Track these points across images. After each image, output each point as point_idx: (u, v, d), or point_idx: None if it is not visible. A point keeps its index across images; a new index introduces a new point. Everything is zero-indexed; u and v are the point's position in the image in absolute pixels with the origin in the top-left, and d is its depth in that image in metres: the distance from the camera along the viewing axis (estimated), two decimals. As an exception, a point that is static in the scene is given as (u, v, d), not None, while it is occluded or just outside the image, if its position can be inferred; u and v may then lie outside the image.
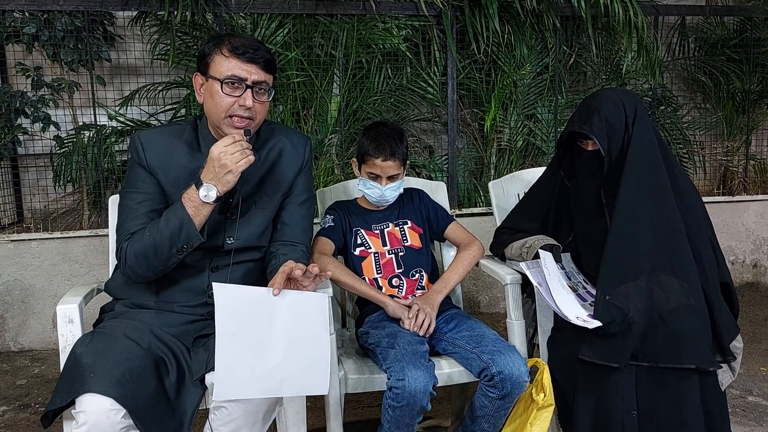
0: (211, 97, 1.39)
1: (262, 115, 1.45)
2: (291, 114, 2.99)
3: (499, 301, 3.23)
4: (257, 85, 1.39)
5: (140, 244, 1.35)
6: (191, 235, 1.32)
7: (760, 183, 3.70)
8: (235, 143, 1.31)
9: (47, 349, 2.79)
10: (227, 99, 1.37)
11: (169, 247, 1.32)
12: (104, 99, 2.96)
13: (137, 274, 1.38)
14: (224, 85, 1.37)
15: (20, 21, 2.73)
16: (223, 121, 1.39)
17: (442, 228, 1.87)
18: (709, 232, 1.67)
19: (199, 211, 1.32)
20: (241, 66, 1.37)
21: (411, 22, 3.03)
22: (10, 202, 3.01)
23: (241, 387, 1.20)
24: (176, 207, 1.34)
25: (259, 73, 1.39)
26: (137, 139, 1.45)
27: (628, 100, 1.63)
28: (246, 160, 1.31)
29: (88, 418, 1.16)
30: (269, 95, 1.44)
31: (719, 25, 3.61)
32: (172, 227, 1.32)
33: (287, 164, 1.52)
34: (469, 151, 3.35)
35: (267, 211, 1.50)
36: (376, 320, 1.67)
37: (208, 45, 1.41)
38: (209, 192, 1.31)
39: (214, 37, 1.44)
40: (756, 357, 2.55)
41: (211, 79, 1.38)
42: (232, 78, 1.36)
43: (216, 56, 1.38)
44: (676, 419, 1.46)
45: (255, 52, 1.38)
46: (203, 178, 1.32)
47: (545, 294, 1.56)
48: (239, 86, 1.37)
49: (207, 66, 1.40)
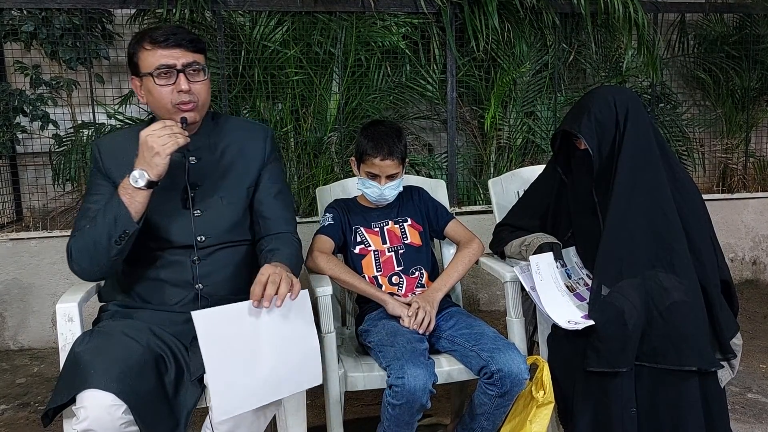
0: (150, 94, 1.39)
1: (205, 96, 1.43)
2: (290, 112, 2.99)
3: (499, 298, 3.24)
4: (188, 67, 1.38)
5: (81, 239, 1.36)
6: (126, 223, 1.32)
7: (759, 180, 3.70)
8: (164, 127, 1.31)
9: (46, 348, 2.79)
10: (164, 89, 1.37)
11: (108, 237, 1.32)
12: (103, 97, 2.95)
13: (83, 269, 1.39)
14: (156, 77, 1.37)
15: (18, 19, 2.73)
16: (171, 111, 1.39)
17: (442, 226, 1.87)
18: (709, 230, 1.67)
19: (133, 198, 1.32)
20: (165, 54, 1.36)
21: (410, 19, 3.03)
22: (9, 200, 3.01)
23: (239, 403, 1.21)
24: (113, 198, 1.34)
25: (186, 55, 1.38)
26: (95, 147, 1.48)
27: (621, 98, 1.63)
28: (173, 142, 1.30)
29: (89, 413, 1.16)
30: (205, 73, 1.42)
31: (719, 22, 3.60)
32: (108, 218, 1.32)
33: (249, 157, 1.52)
34: (469, 149, 3.35)
35: (234, 205, 1.48)
36: (376, 318, 1.67)
37: (130, 46, 1.42)
38: (139, 177, 1.31)
39: (134, 36, 1.44)
40: (755, 354, 2.56)
41: (145, 77, 1.39)
42: (161, 68, 1.36)
43: (140, 53, 1.38)
44: (676, 417, 1.46)
45: (175, 36, 1.37)
46: (135, 165, 1.32)
47: (536, 299, 1.58)
48: (171, 73, 1.37)
49: (137, 66, 1.40)
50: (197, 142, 1.45)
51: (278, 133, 2.97)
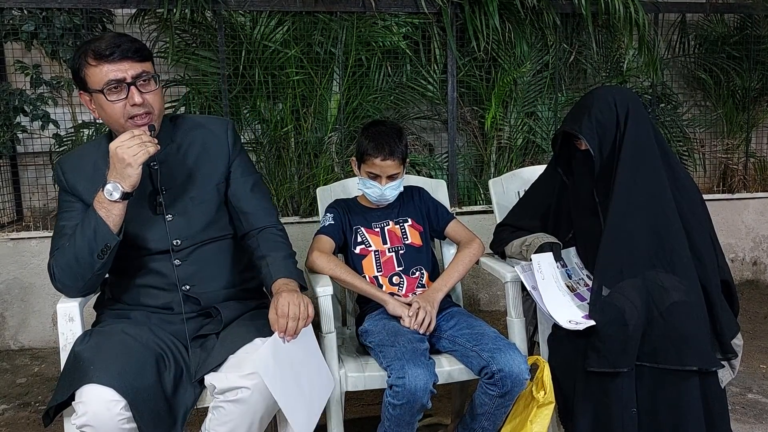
0: (102, 110, 1.36)
1: (160, 104, 1.40)
2: (291, 112, 2.99)
3: (500, 298, 3.23)
4: (138, 78, 1.33)
5: (63, 257, 1.35)
6: (107, 237, 1.31)
7: (760, 181, 3.70)
8: (133, 137, 1.29)
9: (47, 348, 2.79)
10: (117, 105, 1.33)
11: (89, 253, 1.32)
12: (103, 97, 2.95)
13: (68, 286, 1.38)
14: (107, 93, 1.32)
15: (19, 19, 2.72)
16: (125, 126, 1.35)
17: (443, 226, 1.87)
18: (710, 229, 1.67)
19: (110, 212, 1.31)
20: (113, 68, 1.31)
21: (411, 19, 3.03)
22: (10, 200, 3.01)
23: (310, 419, 1.35)
24: (89, 213, 1.33)
25: (134, 66, 1.33)
26: (58, 167, 1.46)
27: (621, 98, 1.63)
28: (144, 152, 1.29)
29: (87, 408, 1.16)
30: (156, 82, 1.39)
31: (719, 23, 3.59)
32: (88, 233, 1.31)
33: (213, 153, 1.49)
34: (469, 149, 3.35)
35: (206, 204, 1.47)
36: (377, 318, 1.67)
37: (74, 60, 1.37)
38: (114, 190, 1.30)
39: (77, 49, 1.39)
40: (755, 354, 2.55)
41: (94, 93, 1.34)
42: (110, 83, 1.31)
43: (86, 69, 1.33)
44: (677, 417, 1.46)
45: (119, 48, 1.31)
46: (108, 178, 1.31)
47: (537, 299, 1.58)
48: (121, 87, 1.32)
49: (84, 82, 1.35)
50: None
51: (279, 133, 2.97)
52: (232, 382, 1.25)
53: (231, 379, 1.25)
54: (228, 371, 1.28)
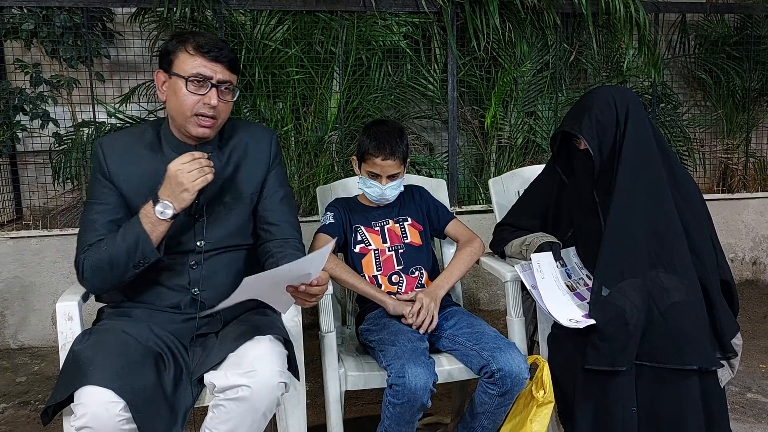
0: (175, 95, 1.37)
1: (226, 115, 1.43)
2: (291, 111, 2.99)
3: (499, 298, 3.23)
4: (222, 84, 1.38)
5: (96, 258, 1.34)
6: (147, 251, 1.31)
7: (759, 181, 3.70)
8: (193, 161, 1.30)
9: (47, 347, 2.79)
10: (192, 97, 1.36)
11: (126, 261, 1.32)
12: (103, 96, 2.95)
13: (94, 286, 1.38)
14: (189, 83, 1.35)
15: (19, 17, 2.72)
16: (189, 119, 1.37)
17: (443, 225, 1.87)
18: (710, 229, 1.67)
19: (155, 228, 1.31)
20: (206, 64, 1.35)
21: (411, 19, 3.03)
22: (9, 199, 3.00)
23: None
24: (133, 222, 1.33)
25: (224, 72, 1.38)
26: (99, 147, 1.44)
27: (621, 98, 1.63)
28: (203, 178, 1.30)
29: (87, 410, 1.16)
30: (233, 95, 1.42)
31: (720, 23, 3.60)
32: (129, 243, 1.31)
33: (253, 162, 1.50)
34: (470, 149, 3.35)
35: (238, 211, 1.47)
36: (376, 317, 1.67)
37: (171, 42, 1.39)
38: (165, 209, 1.30)
39: (178, 34, 1.42)
40: (755, 354, 2.56)
41: (175, 77, 1.36)
42: (197, 76, 1.35)
43: (180, 54, 1.36)
44: (676, 416, 1.46)
45: (220, 51, 1.37)
46: (160, 195, 1.31)
47: (537, 298, 1.58)
48: (204, 84, 1.36)
49: (170, 63, 1.37)
50: (203, 148, 1.43)
51: (279, 132, 2.96)
52: (232, 380, 1.24)
53: (231, 377, 1.25)
54: (228, 369, 1.28)
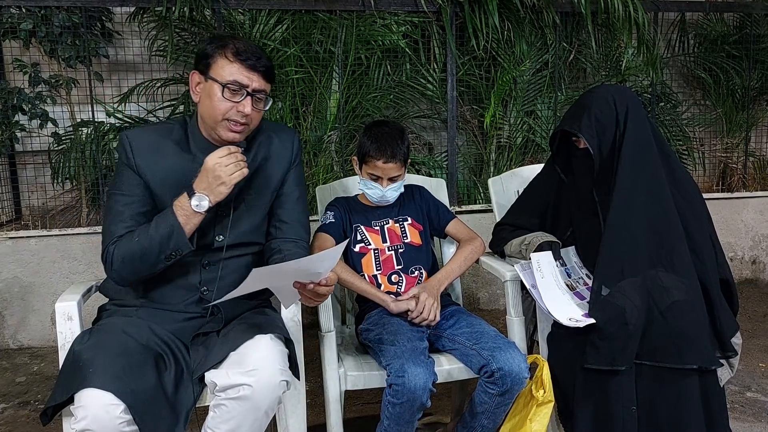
0: (209, 99, 1.38)
1: (257, 122, 1.45)
2: (290, 110, 2.99)
3: (499, 297, 3.24)
4: (257, 93, 1.39)
5: (128, 249, 1.34)
6: (180, 243, 1.32)
7: (759, 180, 3.70)
8: (230, 155, 1.32)
9: (46, 347, 2.79)
10: (226, 103, 1.37)
11: (158, 253, 1.32)
12: (102, 95, 2.95)
13: (122, 278, 1.38)
14: (225, 89, 1.36)
15: (17, 17, 2.72)
16: (220, 123, 1.39)
17: (444, 224, 1.87)
18: (709, 228, 1.67)
19: (189, 220, 1.33)
20: (243, 72, 1.37)
21: (410, 18, 3.02)
22: (8, 199, 3.00)
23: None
24: (167, 214, 1.33)
25: (260, 81, 1.39)
26: (126, 138, 1.43)
27: (620, 97, 1.63)
28: (240, 172, 1.32)
29: (87, 412, 1.16)
30: (266, 104, 1.44)
31: (719, 22, 3.60)
32: (162, 234, 1.32)
33: (276, 161, 1.52)
34: (469, 148, 3.35)
35: (257, 208, 1.49)
36: (376, 317, 1.67)
37: (211, 46, 1.40)
38: (201, 202, 1.32)
39: (218, 37, 1.43)
40: (754, 353, 2.56)
41: (211, 81, 1.38)
42: (234, 83, 1.36)
43: (219, 59, 1.38)
44: (676, 415, 1.46)
45: (258, 60, 1.38)
46: (196, 188, 1.32)
47: (536, 297, 1.58)
48: (239, 92, 1.37)
49: (208, 66, 1.39)
50: None
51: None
52: (233, 379, 1.24)
53: (232, 376, 1.25)
54: (229, 368, 1.28)
